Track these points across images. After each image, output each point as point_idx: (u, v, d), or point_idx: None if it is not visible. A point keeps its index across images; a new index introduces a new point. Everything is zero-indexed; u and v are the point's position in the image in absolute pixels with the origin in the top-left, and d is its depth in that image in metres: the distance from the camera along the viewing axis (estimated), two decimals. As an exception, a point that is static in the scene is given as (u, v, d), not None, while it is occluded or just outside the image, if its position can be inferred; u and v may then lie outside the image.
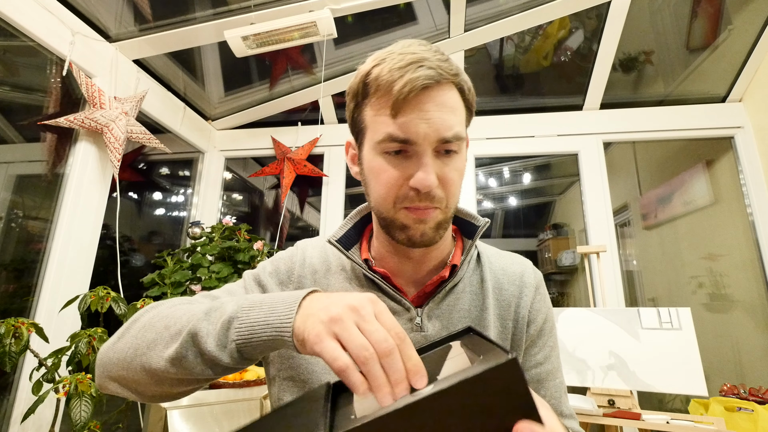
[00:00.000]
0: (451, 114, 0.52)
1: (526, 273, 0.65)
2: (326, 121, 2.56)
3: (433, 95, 0.51)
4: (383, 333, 0.35)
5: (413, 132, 0.50)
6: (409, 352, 0.36)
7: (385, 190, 0.54)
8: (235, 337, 0.43)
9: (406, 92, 0.49)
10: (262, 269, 0.65)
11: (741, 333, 2.15)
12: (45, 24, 1.50)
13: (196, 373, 0.45)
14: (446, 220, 0.56)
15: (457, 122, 0.53)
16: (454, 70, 0.53)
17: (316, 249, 0.66)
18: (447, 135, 0.51)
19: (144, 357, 0.47)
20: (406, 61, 0.50)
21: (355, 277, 0.62)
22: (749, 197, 2.12)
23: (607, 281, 2.06)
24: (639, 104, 2.35)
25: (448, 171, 0.53)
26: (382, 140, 0.52)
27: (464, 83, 0.55)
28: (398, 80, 0.49)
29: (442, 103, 0.51)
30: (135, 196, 2.43)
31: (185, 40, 1.92)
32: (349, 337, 0.35)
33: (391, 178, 0.53)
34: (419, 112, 0.50)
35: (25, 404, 1.31)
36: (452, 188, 0.54)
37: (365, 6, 1.86)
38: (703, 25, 2.14)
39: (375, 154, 0.54)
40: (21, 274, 1.57)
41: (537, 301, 0.63)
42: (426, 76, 0.49)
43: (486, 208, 3.30)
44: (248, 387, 1.67)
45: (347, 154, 0.64)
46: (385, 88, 0.51)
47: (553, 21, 2.17)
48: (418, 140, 0.51)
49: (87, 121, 1.60)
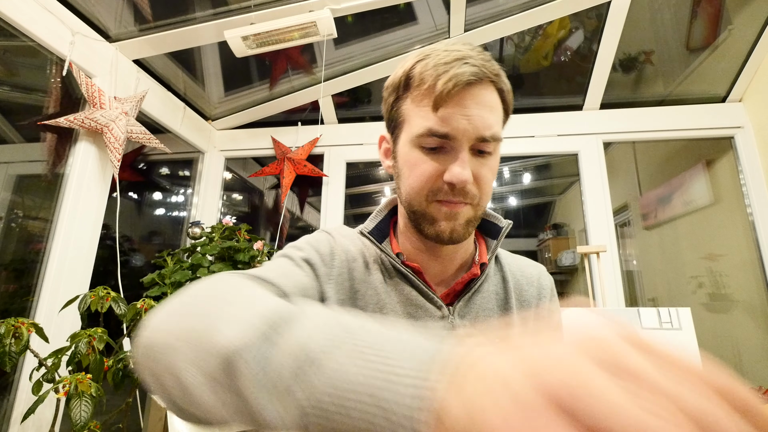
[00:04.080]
0: (491, 113, 0.53)
1: (542, 276, 0.67)
2: (326, 121, 2.56)
3: (475, 93, 0.52)
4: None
5: (453, 127, 0.51)
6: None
7: (419, 182, 0.54)
8: (303, 399, 0.23)
9: (450, 87, 0.50)
10: (306, 247, 0.57)
11: (741, 333, 2.15)
12: (45, 24, 1.50)
13: (206, 409, 0.28)
14: (476, 218, 0.56)
15: (496, 122, 0.53)
16: (495, 71, 0.53)
17: (346, 238, 0.62)
18: (486, 134, 0.52)
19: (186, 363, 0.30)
20: (452, 57, 0.51)
21: (386, 270, 0.60)
22: (749, 197, 2.12)
23: (607, 281, 2.06)
24: (639, 104, 2.35)
25: (483, 170, 0.54)
26: (421, 134, 0.53)
27: (504, 85, 0.55)
28: (443, 75, 0.50)
29: (483, 101, 0.52)
30: (135, 196, 2.43)
31: (185, 40, 1.92)
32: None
33: (427, 171, 0.53)
34: (461, 108, 0.51)
35: (25, 404, 1.31)
36: (486, 187, 0.55)
37: (365, 6, 1.86)
38: (703, 25, 2.14)
39: (412, 147, 0.55)
40: (21, 274, 1.57)
41: (553, 304, 0.66)
42: (470, 72, 0.50)
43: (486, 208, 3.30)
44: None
45: (380, 148, 0.65)
46: (430, 83, 0.51)
47: (553, 21, 2.17)
48: (457, 135, 0.51)
49: (87, 121, 1.60)
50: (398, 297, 0.58)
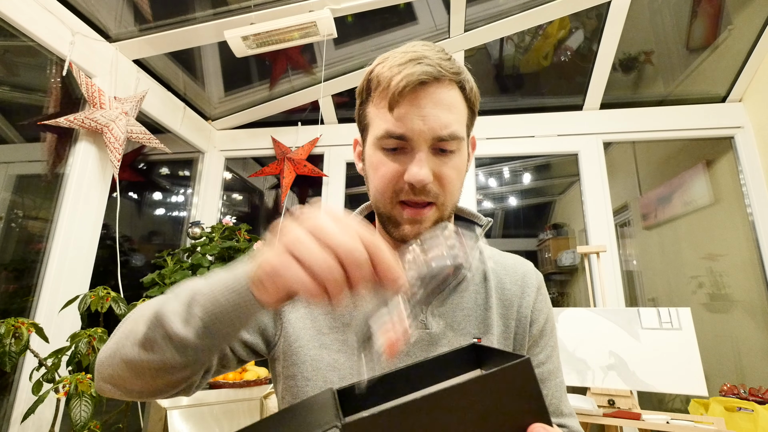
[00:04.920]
0: (448, 112, 0.52)
1: (528, 273, 0.66)
2: (326, 121, 2.56)
3: (431, 92, 0.51)
4: (351, 243, 0.32)
5: (408, 128, 0.51)
6: (382, 256, 0.33)
7: (382, 184, 0.55)
8: (200, 312, 0.39)
9: (401, 87, 0.50)
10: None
11: (741, 333, 2.15)
12: (45, 24, 1.50)
13: (167, 358, 0.41)
14: (441, 218, 0.56)
15: (455, 120, 0.53)
16: (455, 69, 0.53)
17: None
18: (442, 133, 0.51)
19: (122, 349, 0.45)
20: (407, 58, 0.52)
21: None
22: (749, 197, 2.12)
23: (607, 281, 2.06)
24: (639, 104, 2.35)
25: (446, 169, 0.54)
26: (381, 136, 0.53)
27: (466, 82, 0.55)
28: (396, 75, 0.51)
29: (439, 100, 0.52)
30: (135, 196, 2.43)
31: (185, 40, 1.92)
32: (311, 256, 0.32)
33: (388, 173, 0.54)
34: (415, 108, 0.51)
35: (25, 404, 1.31)
36: (449, 186, 0.54)
37: (365, 6, 1.86)
38: (703, 25, 2.14)
39: (375, 149, 0.55)
40: (21, 274, 1.57)
41: (539, 302, 0.64)
42: (423, 71, 0.50)
43: (486, 208, 3.30)
44: (248, 387, 1.67)
45: (354, 151, 0.65)
46: (384, 84, 0.52)
47: (553, 21, 2.17)
48: (413, 136, 0.51)
49: (87, 121, 1.60)
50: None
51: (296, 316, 0.60)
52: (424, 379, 0.40)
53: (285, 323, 0.59)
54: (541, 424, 0.32)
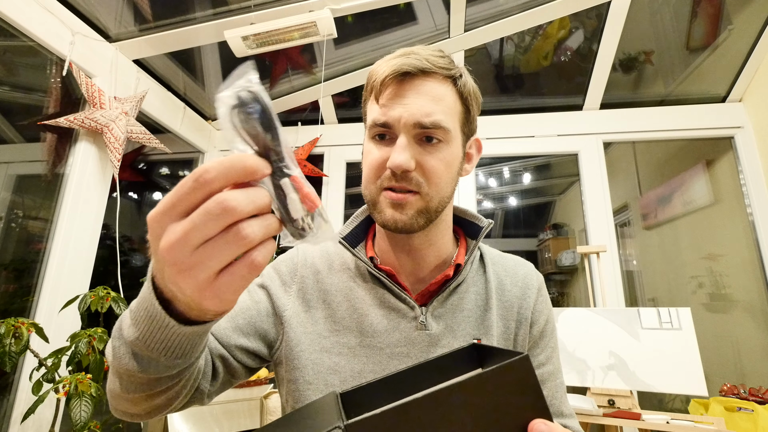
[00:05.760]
0: (433, 102, 0.53)
1: (528, 275, 0.66)
2: (326, 121, 2.56)
3: (416, 84, 0.53)
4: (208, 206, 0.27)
5: (389, 115, 0.53)
6: (228, 174, 0.27)
7: (369, 170, 0.57)
8: (130, 339, 0.38)
9: (383, 77, 0.53)
10: (266, 272, 0.65)
11: (741, 333, 2.15)
12: (45, 24, 1.50)
13: (131, 370, 0.39)
14: (428, 209, 0.55)
15: (440, 111, 0.53)
16: (443, 64, 0.54)
17: (316, 248, 0.67)
18: (424, 120, 0.52)
19: (110, 384, 0.45)
20: (398, 54, 0.55)
21: (360, 275, 0.63)
22: (749, 197, 2.12)
23: (607, 281, 2.06)
24: (639, 104, 2.35)
25: (430, 159, 0.54)
26: (370, 126, 0.56)
27: (458, 78, 0.56)
28: (384, 68, 0.54)
29: (424, 91, 0.53)
30: (135, 196, 2.43)
31: (185, 40, 1.92)
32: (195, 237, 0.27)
33: (375, 160, 0.56)
34: (398, 98, 0.53)
35: (25, 404, 1.31)
36: (433, 177, 0.54)
37: (365, 6, 1.86)
38: (703, 25, 2.14)
39: (368, 140, 0.58)
40: (21, 274, 1.56)
41: (539, 303, 0.64)
42: (408, 63, 0.53)
43: (486, 208, 3.31)
44: (248, 387, 1.68)
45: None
46: (374, 78, 0.55)
47: (553, 21, 2.17)
48: (394, 123, 0.53)
49: (87, 121, 1.60)
50: (373, 299, 0.60)
51: (297, 321, 0.60)
52: (426, 380, 0.40)
53: (286, 328, 0.60)
54: (541, 420, 0.32)
